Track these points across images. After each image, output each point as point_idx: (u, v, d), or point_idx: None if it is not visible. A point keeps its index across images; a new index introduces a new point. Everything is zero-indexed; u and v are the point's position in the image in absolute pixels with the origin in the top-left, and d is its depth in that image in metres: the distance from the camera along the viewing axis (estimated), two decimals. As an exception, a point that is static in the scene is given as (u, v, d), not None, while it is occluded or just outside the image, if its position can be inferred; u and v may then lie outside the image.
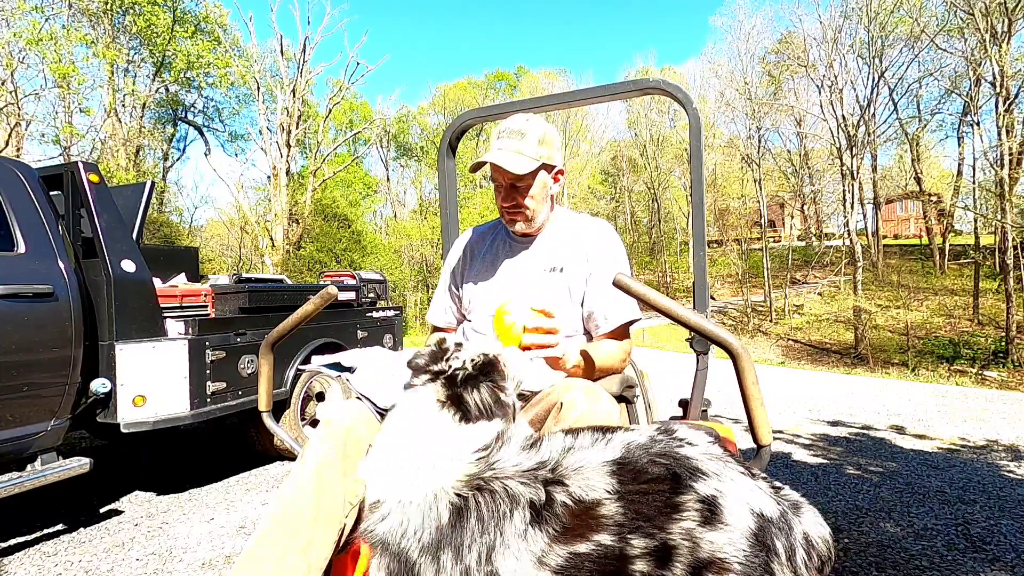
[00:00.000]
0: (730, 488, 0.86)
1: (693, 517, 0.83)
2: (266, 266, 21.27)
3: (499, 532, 0.86)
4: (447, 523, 0.89)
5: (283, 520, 1.13)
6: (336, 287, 1.42)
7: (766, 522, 0.84)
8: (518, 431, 1.03)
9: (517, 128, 1.54)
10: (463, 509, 0.89)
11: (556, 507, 0.85)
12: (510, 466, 0.93)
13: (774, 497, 0.89)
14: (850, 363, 18.88)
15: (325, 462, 1.17)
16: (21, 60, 15.71)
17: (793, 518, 0.88)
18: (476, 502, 0.89)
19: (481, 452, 0.97)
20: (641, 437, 0.95)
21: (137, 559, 2.73)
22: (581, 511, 0.85)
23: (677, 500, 0.84)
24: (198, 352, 3.34)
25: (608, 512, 0.84)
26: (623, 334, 1.63)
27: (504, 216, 1.66)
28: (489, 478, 0.92)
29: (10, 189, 2.86)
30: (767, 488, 0.91)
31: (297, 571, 1.09)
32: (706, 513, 0.83)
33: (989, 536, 2.79)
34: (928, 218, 29.21)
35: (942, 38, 21.47)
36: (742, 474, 0.90)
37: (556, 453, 0.94)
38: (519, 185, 1.57)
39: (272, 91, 23.67)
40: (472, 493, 0.91)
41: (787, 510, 0.88)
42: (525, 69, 40.99)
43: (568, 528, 0.84)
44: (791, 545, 0.85)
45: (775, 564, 0.83)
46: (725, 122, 31.90)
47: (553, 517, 0.85)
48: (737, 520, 0.83)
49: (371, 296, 5.77)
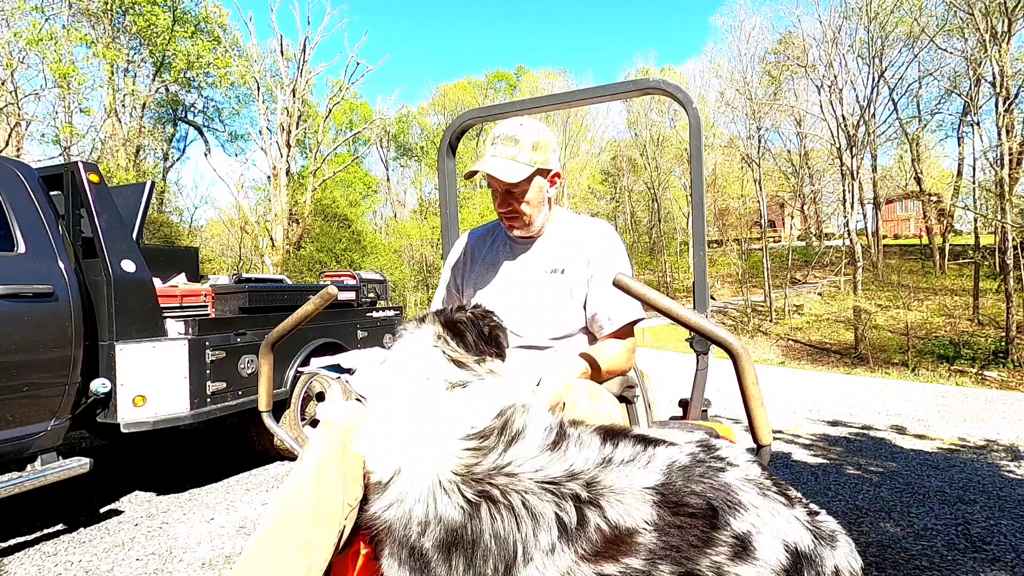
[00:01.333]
0: (767, 523, 0.85)
1: (724, 552, 0.82)
2: (266, 266, 21.27)
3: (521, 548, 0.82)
4: (458, 526, 0.85)
5: (283, 520, 1.13)
6: (336, 287, 1.42)
7: (799, 558, 0.84)
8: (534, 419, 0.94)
9: (511, 134, 1.53)
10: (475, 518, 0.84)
11: (589, 530, 0.82)
12: (529, 470, 0.86)
13: (810, 527, 0.88)
14: (850, 363, 18.88)
15: (325, 462, 1.17)
16: (21, 60, 15.71)
17: (826, 551, 0.87)
18: (492, 515, 0.84)
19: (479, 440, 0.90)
20: (683, 456, 0.90)
21: (137, 559, 2.73)
22: (616, 538, 0.82)
23: (712, 535, 0.83)
24: (198, 352, 3.34)
25: (643, 541, 0.82)
26: (627, 334, 1.63)
27: (503, 222, 1.67)
28: (503, 486, 0.85)
29: (10, 189, 2.86)
30: (804, 516, 0.89)
31: (297, 571, 1.09)
32: (738, 548, 0.83)
33: (989, 536, 2.79)
34: (928, 218, 29.20)
35: (942, 38, 21.48)
36: (781, 504, 0.89)
37: (591, 465, 0.87)
38: (515, 191, 1.56)
39: (272, 91, 23.67)
40: (483, 502, 0.84)
41: (822, 542, 0.88)
42: (525, 69, 41.03)
43: (599, 551, 0.81)
44: None
45: None
46: (725, 122, 31.93)
47: (585, 538, 0.81)
48: (769, 555, 0.83)
49: (371, 296, 5.77)
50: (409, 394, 1.00)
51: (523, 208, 1.58)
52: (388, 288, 6.31)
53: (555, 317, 1.62)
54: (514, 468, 0.87)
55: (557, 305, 1.62)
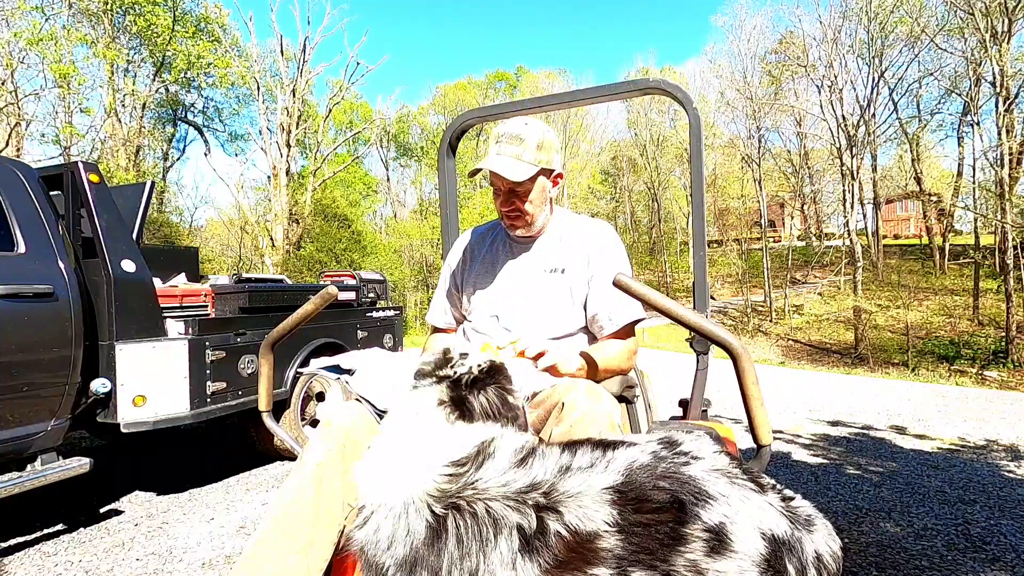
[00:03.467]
0: (739, 511, 0.82)
1: (699, 548, 0.79)
2: (266, 266, 21.26)
3: (482, 557, 0.80)
4: (422, 541, 0.83)
5: (283, 521, 1.13)
6: (336, 287, 1.42)
7: (777, 544, 0.81)
8: (507, 442, 0.94)
9: (515, 133, 1.53)
10: (439, 530, 0.83)
11: (549, 537, 0.79)
12: (496, 485, 0.85)
13: (785, 512, 0.86)
14: (850, 363, 18.88)
15: (325, 463, 1.17)
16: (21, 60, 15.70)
17: (804, 535, 0.85)
18: (455, 523, 0.82)
19: (457, 468, 0.89)
20: (644, 455, 0.88)
21: (137, 559, 2.73)
22: (577, 544, 0.78)
23: (682, 531, 0.79)
24: (198, 352, 3.34)
25: (607, 545, 0.78)
26: (628, 334, 1.62)
27: (504, 221, 1.66)
28: (469, 497, 0.84)
29: (10, 189, 2.86)
30: (777, 502, 0.87)
31: (298, 571, 1.09)
32: (713, 542, 0.79)
33: (989, 536, 2.79)
34: (928, 218, 29.20)
35: (942, 38, 21.48)
36: (753, 491, 0.86)
37: (550, 474, 0.86)
38: (518, 190, 1.56)
39: (272, 91, 23.67)
40: (450, 512, 0.83)
41: (798, 527, 0.85)
42: (525, 69, 41.01)
43: (563, 561, 0.78)
44: (802, 566, 0.82)
45: None
46: (725, 122, 31.93)
47: (546, 548, 0.78)
48: (746, 546, 0.80)
49: (371, 296, 5.77)
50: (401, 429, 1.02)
51: (526, 207, 1.58)
52: (388, 288, 6.31)
53: (555, 317, 1.61)
54: (482, 484, 0.86)
55: (557, 305, 1.62)
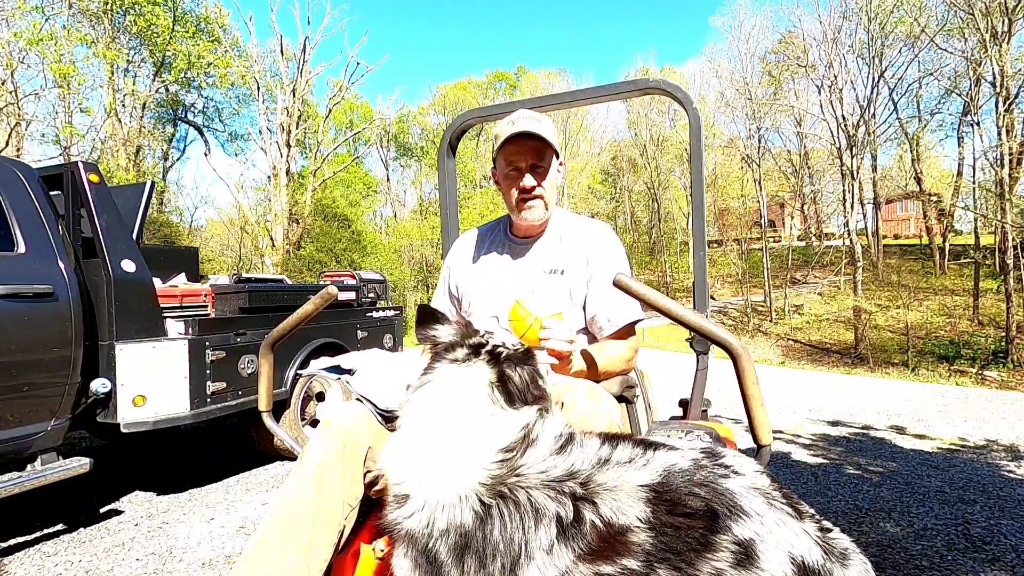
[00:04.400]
0: (771, 532, 0.82)
1: (726, 558, 0.79)
2: (266, 266, 21.26)
3: (524, 545, 0.83)
4: (471, 528, 0.86)
5: (283, 521, 1.13)
6: (336, 287, 1.42)
7: (806, 572, 0.80)
8: (548, 427, 0.97)
9: (530, 115, 1.58)
10: (486, 518, 0.86)
11: (584, 526, 0.82)
12: (536, 471, 0.89)
13: (820, 543, 0.84)
14: (850, 363, 18.88)
15: (325, 463, 1.17)
16: (21, 60, 15.70)
17: (837, 569, 0.83)
18: (500, 511, 0.86)
19: (506, 453, 0.92)
20: (684, 461, 0.89)
21: (137, 559, 2.73)
22: (610, 535, 0.82)
23: (711, 539, 0.80)
24: (198, 352, 3.34)
25: (637, 540, 0.81)
26: (628, 333, 1.62)
27: (520, 204, 1.62)
28: (513, 485, 0.88)
29: (10, 189, 2.86)
30: (814, 531, 0.85)
31: (298, 571, 1.09)
32: (741, 556, 0.79)
33: (989, 536, 2.79)
34: (928, 218, 29.19)
35: (942, 38, 21.47)
36: (789, 515, 0.85)
37: (588, 465, 0.89)
38: (540, 167, 1.59)
39: (272, 91, 23.67)
40: (495, 501, 0.87)
41: (832, 559, 0.84)
42: (525, 69, 41.02)
43: (595, 550, 0.81)
44: None
45: None
46: (725, 122, 31.94)
47: (580, 536, 0.82)
48: (774, 567, 0.79)
49: (371, 296, 5.77)
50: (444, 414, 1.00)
51: (544, 185, 1.60)
52: (388, 288, 6.31)
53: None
54: (524, 470, 0.89)
55: (557, 305, 1.62)
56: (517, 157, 1.59)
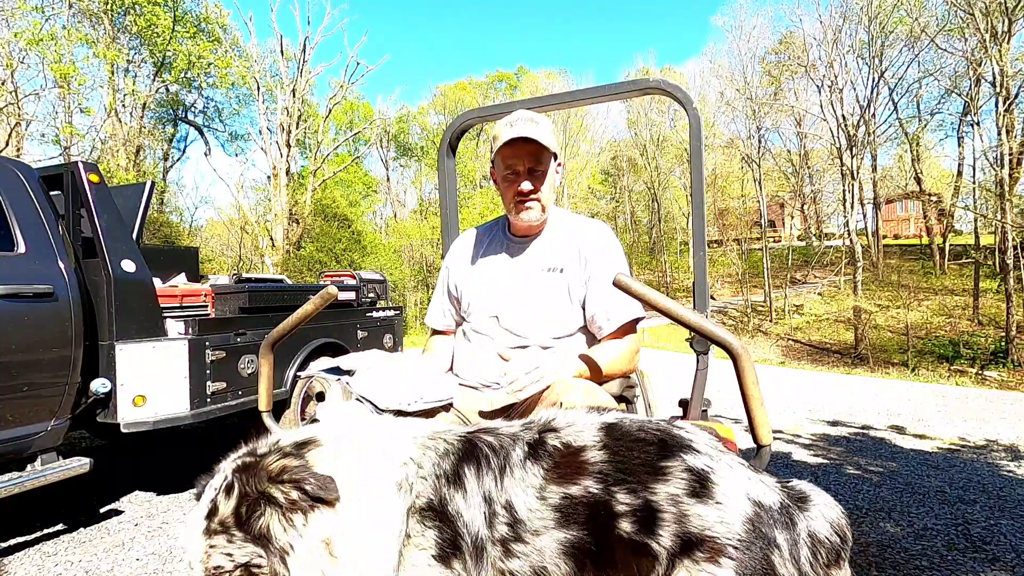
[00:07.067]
0: (725, 471, 0.85)
1: (679, 485, 0.83)
2: (266, 266, 21.24)
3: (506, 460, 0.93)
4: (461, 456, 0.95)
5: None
6: (336, 287, 1.42)
7: (764, 510, 0.82)
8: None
9: (528, 117, 1.58)
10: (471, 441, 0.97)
11: (548, 447, 0.93)
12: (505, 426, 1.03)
13: (777, 490, 0.87)
14: (850, 363, 18.87)
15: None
16: (21, 60, 15.70)
17: (797, 513, 0.85)
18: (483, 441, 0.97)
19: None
20: (639, 417, 1.01)
21: (137, 559, 2.73)
22: (569, 453, 0.91)
23: (662, 464, 0.86)
24: (198, 352, 3.33)
25: (592, 458, 0.89)
26: (629, 331, 1.62)
27: (518, 207, 1.62)
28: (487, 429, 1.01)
29: (10, 189, 2.86)
30: (771, 481, 0.89)
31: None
32: (694, 484, 0.83)
33: (989, 536, 2.79)
34: (928, 218, 29.19)
35: (942, 38, 21.47)
36: (741, 465, 0.89)
37: (550, 414, 1.02)
38: (537, 170, 1.59)
39: (272, 91, 23.67)
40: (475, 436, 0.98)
41: (791, 504, 0.86)
42: (525, 69, 41.02)
43: (558, 464, 0.90)
44: (794, 541, 0.82)
45: (775, 557, 0.80)
46: (725, 122, 31.94)
47: (545, 455, 0.92)
48: (731, 502, 0.81)
49: (371, 296, 5.77)
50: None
51: (543, 187, 1.60)
52: (388, 288, 6.32)
53: (554, 316, 1.61)
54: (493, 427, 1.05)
55: (556, 304, 1.62)
56: (515, 161, 1.59)
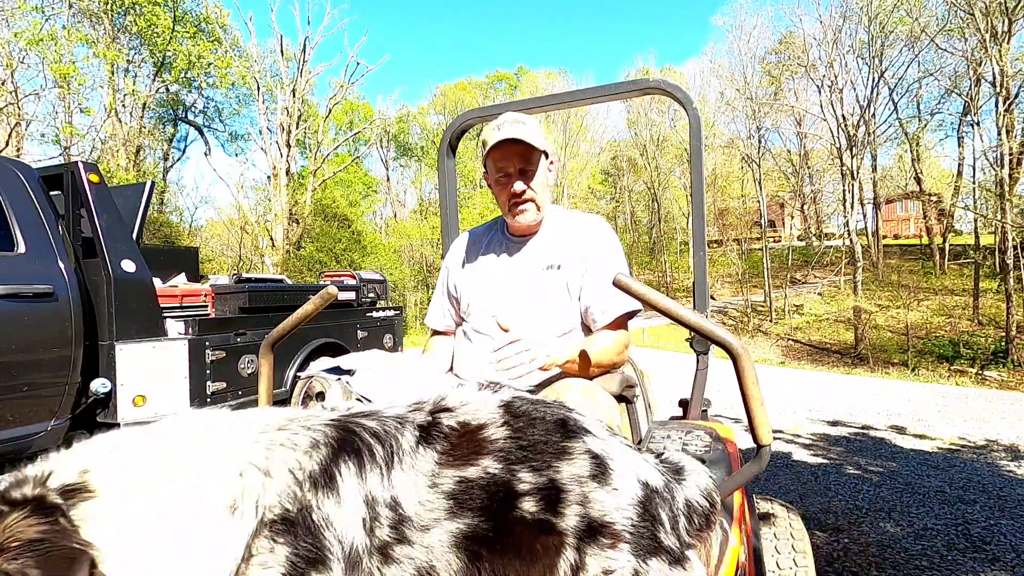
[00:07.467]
0: (618, 453, 0.87)
1: (583, 466, 0.83)
2: (266, 266, 21.25)
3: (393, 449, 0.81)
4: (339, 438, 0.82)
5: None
6: (336, 287, 1.42)
7: (652, 492, 0.85)
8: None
9: (514, 118, 1.59)
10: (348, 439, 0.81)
11: (443, 428, 0.84)
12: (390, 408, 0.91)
13: (658, 468, 0.91)
14: (850, 363, 18.87)
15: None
16: (21, 60, 15.72)
17: (676, 487, 0.90)
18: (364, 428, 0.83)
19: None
20: (532, 396, 0.95)
21: (137, 559, 2.72)
22: (467, 432, 0.84)
23: (566, 444, 0.84)
24: (198, 352, 3.34)
25: (493, 436, 0.83)
26: (620, 326, 1.63)
27: (512, 209, 1.63)
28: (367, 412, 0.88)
29: (10, 189, 2.86)
30: (652, 460, 0.92)
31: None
32: (596, 468, 0.83)
33: (989, 536, 2.79)
34: (928, 218, 29.19)
35: (942, 38, 21.48)
36: (627, 446, 0.92)
37: (442, 393, 0.92)
38: (528, 170, 1.60)
39: (272, 91, 23.69)
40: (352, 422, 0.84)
41: (670, 479, 0.90)
42: (525, 69, 41.04)
43: (455, 446, 0.83)
44: (674, 514, 0.86)
45: (661, 534, 0.83)
46: (725, 122, 31.94)
47: (440, 436, 0.83)
48: (625, 486, 0.83)
49: (371, 296, 5.77)
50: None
51: (534, 186, 1.61)
52: (388, 288, 6.32)
53: (553, 314, 1.62)
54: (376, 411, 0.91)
55: (555, 302, 1.62)
56: (505, 163, 1.60)
